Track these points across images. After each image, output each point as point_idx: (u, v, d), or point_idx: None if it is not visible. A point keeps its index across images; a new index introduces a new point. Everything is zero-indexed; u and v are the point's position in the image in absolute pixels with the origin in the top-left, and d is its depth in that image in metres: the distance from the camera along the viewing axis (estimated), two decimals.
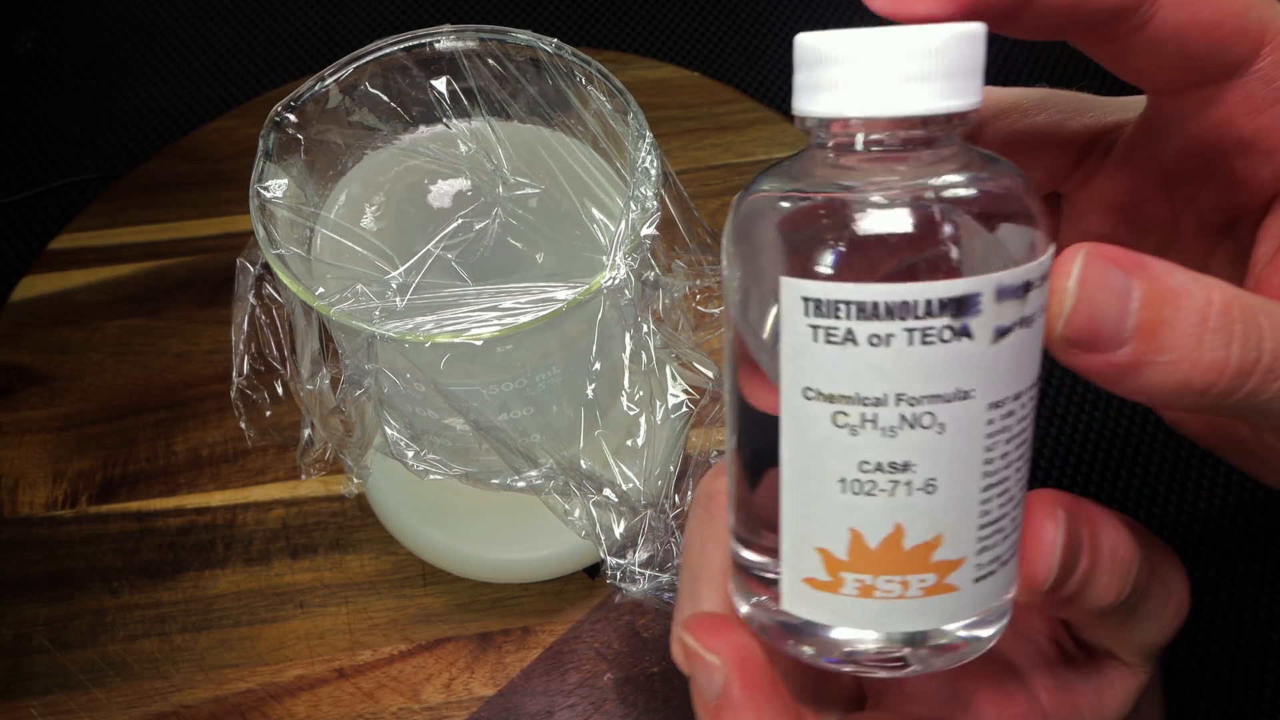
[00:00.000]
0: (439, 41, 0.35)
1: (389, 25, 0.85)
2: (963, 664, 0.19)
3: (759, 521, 0.19)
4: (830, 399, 0.17)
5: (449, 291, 0.31)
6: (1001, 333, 0.16)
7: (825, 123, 0.17)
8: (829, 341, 0.16)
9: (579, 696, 0.44)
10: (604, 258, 0.30)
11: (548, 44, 0.34)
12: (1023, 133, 0.24)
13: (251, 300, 0.34)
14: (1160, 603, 0.21)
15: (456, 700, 0.43)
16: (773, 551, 0.18)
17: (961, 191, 0.17)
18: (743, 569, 0.20)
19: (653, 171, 0.31)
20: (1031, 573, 0.18)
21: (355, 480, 0.37)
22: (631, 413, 0.34)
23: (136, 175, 0.62)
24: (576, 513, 0.33)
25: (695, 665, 0.20)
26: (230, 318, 0.34)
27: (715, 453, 0.37)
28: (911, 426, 0.16)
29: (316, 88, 0.34)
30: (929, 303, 0.16)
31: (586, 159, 0.36)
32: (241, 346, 0.34)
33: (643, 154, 0.32)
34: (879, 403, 0.16)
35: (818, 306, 0.16)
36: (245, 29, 0.85)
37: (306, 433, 0.36)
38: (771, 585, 0.19)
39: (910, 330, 0.16)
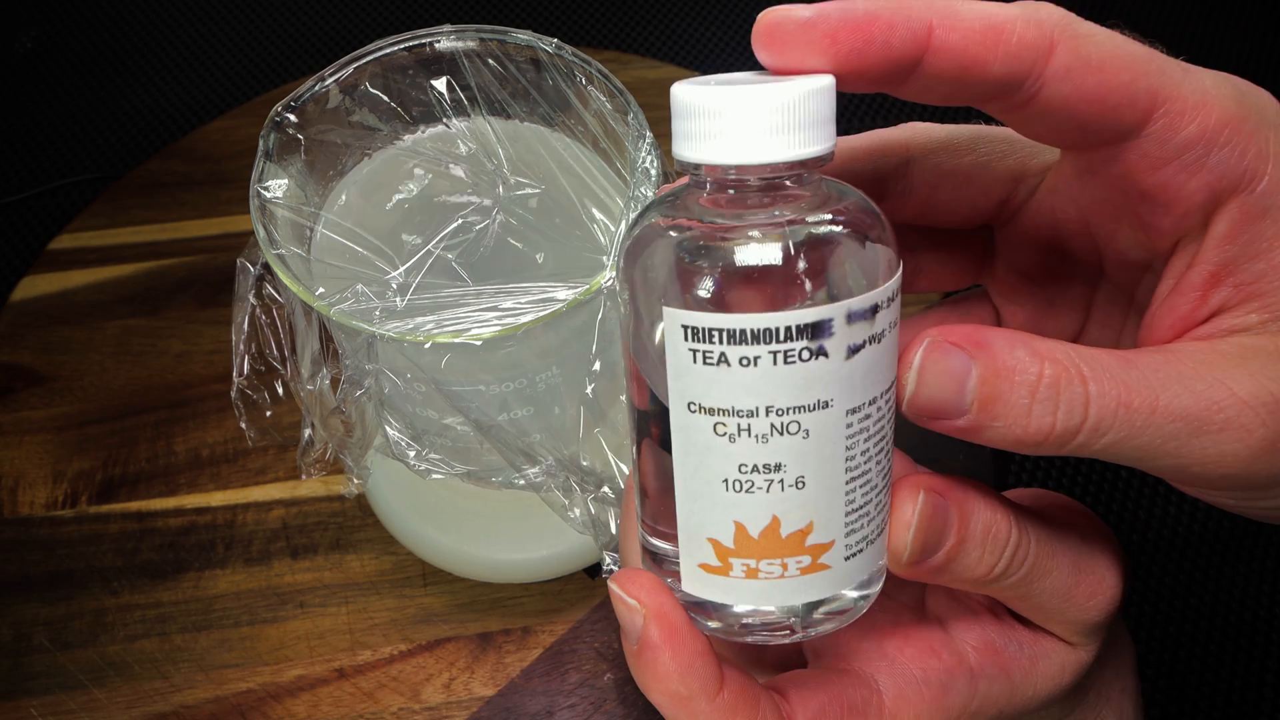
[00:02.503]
0: (439, 41, 0.35)
1: (389, 25, 0.85)
2: (850, 623, 0.22)
3: (660, 512, 0.22)
4: (710, 412, 0.19)
5: (449, 291, 0.31)
6: (854, 350, 0.19)
7: (701, 166, 0.20)
8: (706, 363, 0.19)
9: (579, 696, 0.44)
10: (604, 258, 0.30)
11: (548, 44, 0.34)
12: (951, 171, 0.26)
13: (251, 300, 0.34)
14: (1066, 581, 0.22)
15: (456, 700, 0.43)
16: (673, 538, 0.21)
17: (817, 227, 0.20)
18: (650, 554, 0.23)
19: (653, 171, 0.31)
20: (891, 546, 0.21)
21: (355, 480, 0.37)
22: None
23: (136, 175, 0.62)
24: (576, 511, 0.33)
25: (619, 610, 0.22)
26: (230, 318, 0.34)
27: None
28: (781, 434, 0.19)
29: (316, 88, 0.34)
30: (789, 328, 0.18)
31: (586, 159, 0.36)
32: (241, 346, 0.34)
33: (643, 154, 0.32)
34: (752, 414, 0.19)
35: (695, 333, 0.19)
36: (245, 29, 0.85)
37: (306, 433, 0.36)
38: (674, 568, 0.22)
39: (774, 352, 0.19)
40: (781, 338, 0.19)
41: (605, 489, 0.33)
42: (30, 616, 0.46)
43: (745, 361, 0.19)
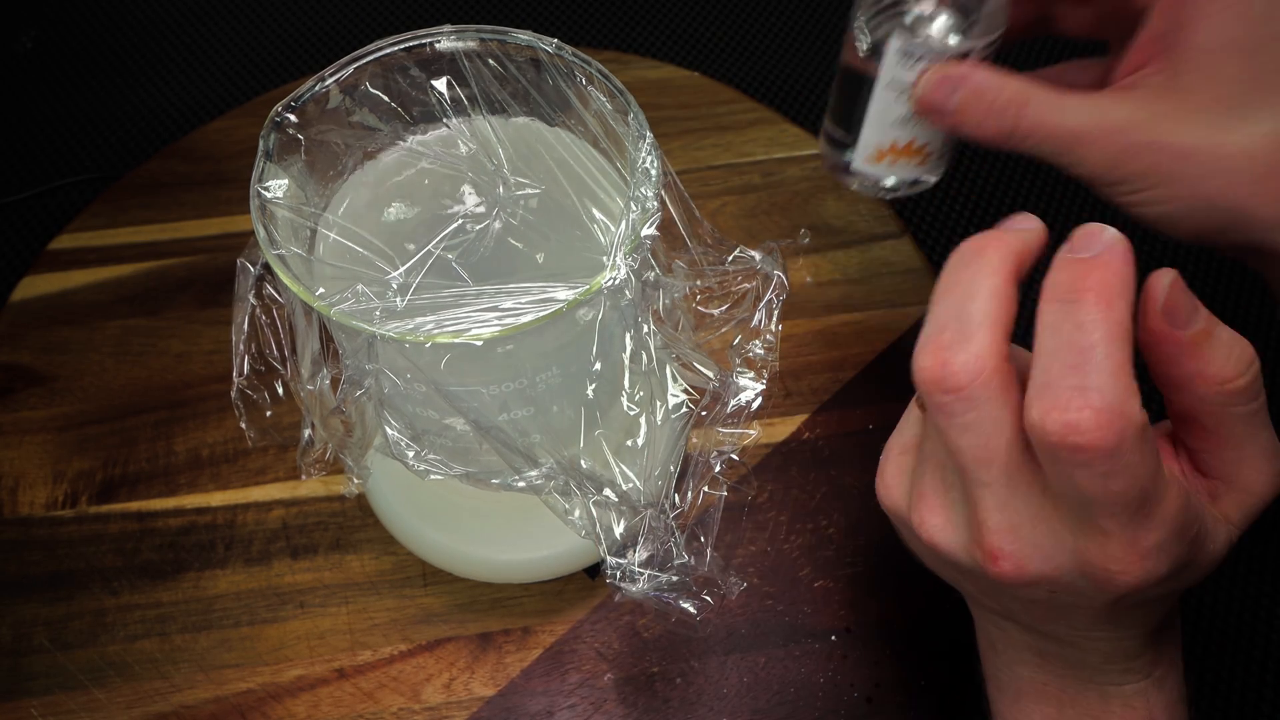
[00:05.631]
0: (439, 42, 0.35)
1: (389, 25, 0.85)
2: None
3: (849, 123, 0.39)
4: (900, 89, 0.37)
5: (449, 291, 0.31)
6: None
7: None
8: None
9: (579, 697, 0.44)
10: (604, 258, 0.30)
11: (548, 44, 0.34)
12: None
13: (251, 300, 0.34)
14: (1251, 448, 0.27)
15: (457, 700, 0.43)
16: (850, 143, 0.39)
17: None
18: (833, 143, 0.41)
19: (653, 171, 0.31)
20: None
21: (355, 480, 0.37)
22: (632, 413, 0.34)
23: (136, 175, 0.62)
24: (576, 513, 0.33)
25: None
26: (230, 318, 0.34)
27: (715, 453, 0.37)
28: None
29: (317, 88, 0.34)
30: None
31: (587, 159, 0.36)
32: (241, 346, 0.34)
33: (643, 154, 0.32)
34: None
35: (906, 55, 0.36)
36: (245, 29, 0.85)
37: (307, 433, 0.36)
38: (848, 156, 0.40)
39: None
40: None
41: (607, 492, 0.33)
42: (30, 616, 0.46)
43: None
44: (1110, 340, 0.23)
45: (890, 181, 0.40)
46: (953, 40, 0.35)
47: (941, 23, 0.36)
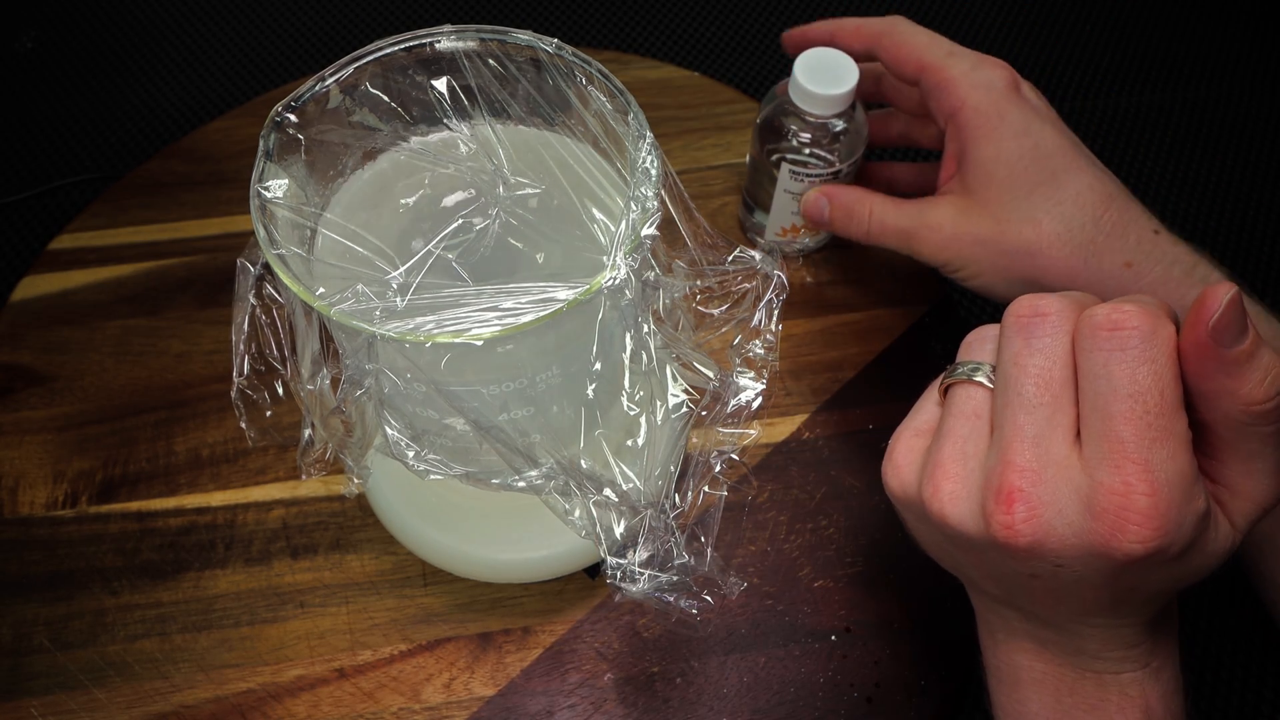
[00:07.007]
0: (439, 42, 0.35)
1: (389, 25, 0.85)
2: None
3: (756, 200, 0.56)
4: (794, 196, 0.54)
5: (449, 291, 0.31)
6: None
7: None
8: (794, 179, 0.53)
9: (579, 696, 0.44)
10: (604, 258, 0.30)
11: (548, 44, 0.34)
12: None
13: (251, 300, 0.34)
14: (1264, 466, 0.28)
15: (457, 700, 0.43)
16: (761, 215, 0.57)
17: None
18: (748, 208, 0.57)
19: (653, 171, 0.31)
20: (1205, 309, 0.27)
21: (355, 480, 0.37)
22: (632, 413, 0.34)
23: (136, 175, 0.62)
24: (577, 513, 0.33)
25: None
26: (230, 318, 0.34)
27: (715, 453, 0.37)
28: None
29: (317, 88, 0.34)
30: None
31: (587, 159, 0.36)
32: (241, 346, 0.34)
33: (643, 154, 0.32)
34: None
35: (794, 173, 0.52)
36: (245, 29, 0.85)
37: (307, 433, 0.36)
38: (761, 223, 0.57)
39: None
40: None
41: (607, 492, 0.33)
42: (30, 616, 0.46)
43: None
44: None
45: (793, 248, 0.57)
46: (823, 168, 0.50)
47: (816, 155, 0.50)
